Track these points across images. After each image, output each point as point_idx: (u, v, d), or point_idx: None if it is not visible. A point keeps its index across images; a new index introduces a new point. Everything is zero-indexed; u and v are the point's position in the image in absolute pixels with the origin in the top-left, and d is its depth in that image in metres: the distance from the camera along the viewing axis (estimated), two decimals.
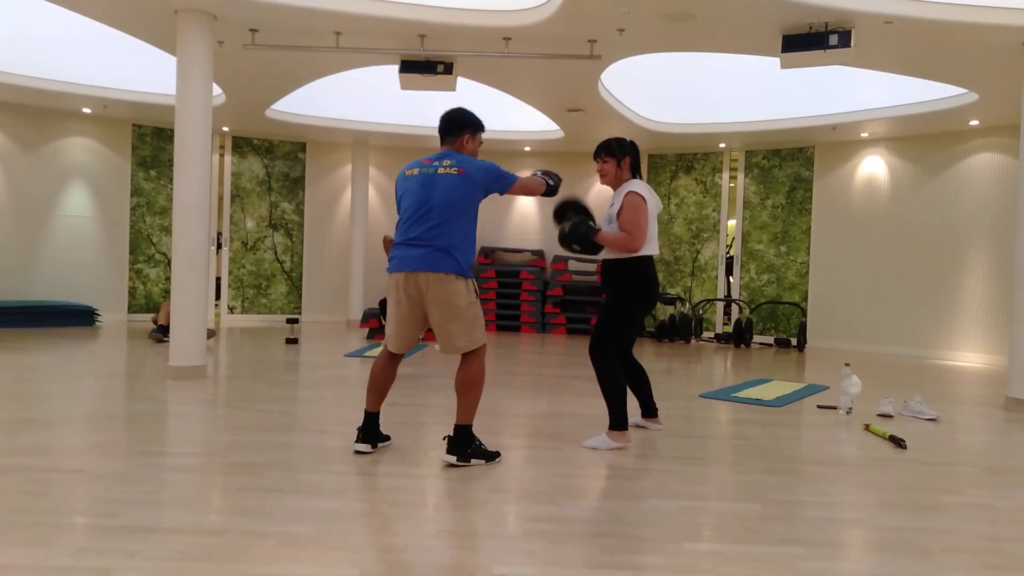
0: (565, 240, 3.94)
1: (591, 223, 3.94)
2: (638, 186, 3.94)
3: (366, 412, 3.66)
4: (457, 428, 3.48)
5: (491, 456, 3.55)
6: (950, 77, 6.98)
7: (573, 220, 3.93)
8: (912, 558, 2.51)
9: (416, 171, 3.52)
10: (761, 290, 10.50)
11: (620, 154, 4.03)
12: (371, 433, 3.66)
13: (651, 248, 3.93)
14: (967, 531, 2.81)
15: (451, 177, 3.42)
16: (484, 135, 3.78)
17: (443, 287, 3.39)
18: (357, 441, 3.64)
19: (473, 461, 3.48)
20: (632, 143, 4.09)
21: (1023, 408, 5.55)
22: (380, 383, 3.63)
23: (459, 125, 3.63)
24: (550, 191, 3.75)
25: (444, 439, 3.54)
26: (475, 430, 3.60)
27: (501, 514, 2.83)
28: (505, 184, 3.55)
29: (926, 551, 2.58)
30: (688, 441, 4.17)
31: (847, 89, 8.52)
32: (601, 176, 4.08)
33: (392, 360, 3.65)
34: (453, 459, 3.44)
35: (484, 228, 11.54)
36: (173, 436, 3.92)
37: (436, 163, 3.49)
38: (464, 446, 3.47)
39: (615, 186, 4.06)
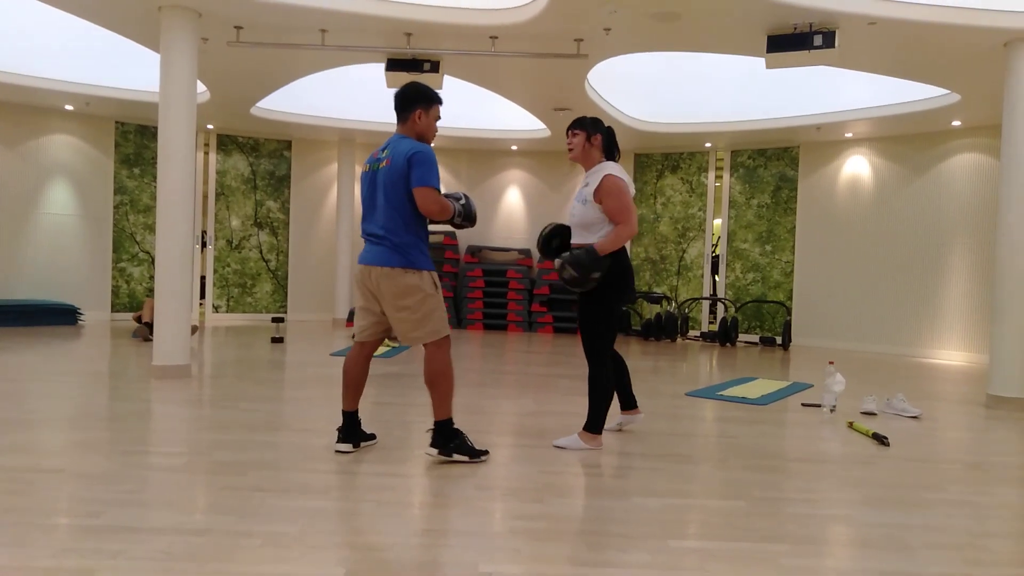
0: (579, 282, 3.68)
1: (590, 252, 3.67)
2: (615, 168, 3.84)
3: (344, 412, 3.66)
4: (437, 424, 3.51)
5: (476, 454, 3.55)
6: (933, 78, 7.04)
7: (566, 259, 3.67)
8: (895, 554, 2.53)
9: (367, 167, 3.58)
10: (746, 289, 10.56)
11: (592, 130, 3.92)
12: (351, 432, 3.66)
13: None
14: (949, 527, 2.84)
15: (383, 171, 3.44)
16: (470, 134, 3.74)
17: (391, 281, 3.40)
18: (338, 441, 3.65)
19: (456, 456, 3.50)
20: (609, 127, 4.00)
21: (1004, 405, 5.62)
22: (353, 380, 3.64)
23: (410, 100, 3.52)
24: (457, 220, 3.57)
25: (428, 431, 3.57)
26: (462, 427, 3.60)
27: (487, 512, 2.83)
28: (418, 178, 3.35)
29: (909, 547, 2.60)
30: (673, 439, 4.18)
31: (831, 89, 8.58)
32: (569, 150, 3.98)
33: (362, 355, 3.66)
34: (435, 452, 3.48)
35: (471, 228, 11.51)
36: (157, 435, 3.89)
37: (380, 156, 3.51)
38: (447, 440, 3.49)
39: (584, 163, 3.97)
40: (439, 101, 3.58)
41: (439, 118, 3.59)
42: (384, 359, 7.07)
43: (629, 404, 4.30)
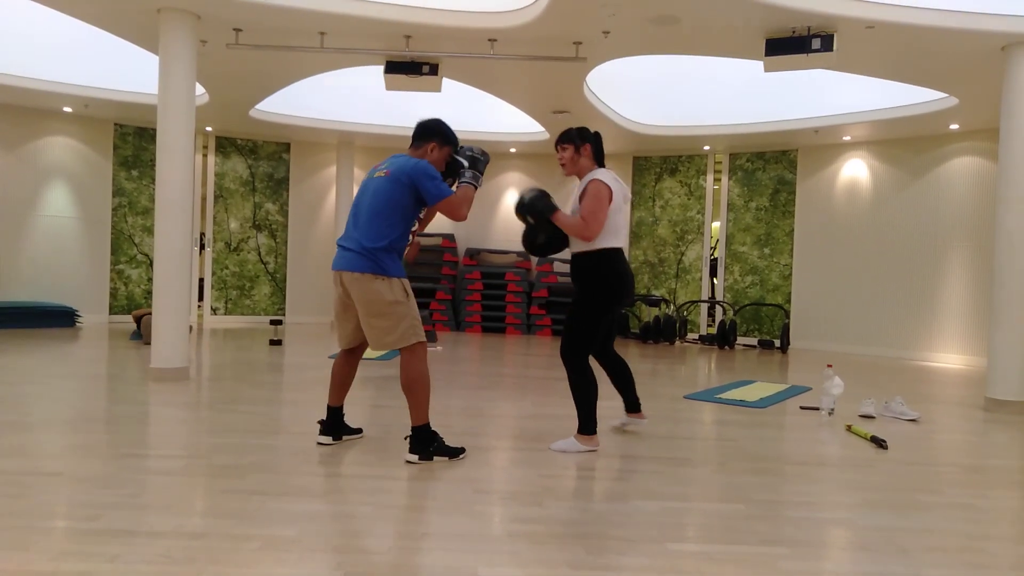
0: (521, 208, 3.86)
1: (551, 201, 3.84)
2: (603, 174, 3.86)
3: (328, 407, 3.82)
4: (414, 429, 3.54)
5: (454, 452, 3.60)
6: (931, 82, 7.06)
7: (535, 193, 3.86)
8: (894, 557, 2.53)
9: (365, 177, 3.67)
10: (745, 292, 10.56)
11: (579, 141, 3.95)
12: (333, 426, 3.82)
13: (616, 240, 3.84)
14: (948, 530, 2.84)
15: (379, 180, 3.52)
16: (469, 136, 3.79)
17: (361, 286, 3.46)
18: (320, 433, 3.80)
19: (436, 458, 3.54)
20: (596, 133, 4.01)
21: (1002, 408, 5.62)
22: (338, 379, 3.80)
23: (430, 132, 3.64)
24: (482, 171, 3.70)
25: (405, 439, 3.59)
26: (460, 430, 3.61)
27: (486, 515, 2.83)
28: (434, 190, 3.45)
29: (907, 550, 2.60)
30: (672, 442, 4.18)
31: (829, 93, 8.59)
32: (561, 165, 4.02)
33: (349, 357, 3.80)
34: (415, 458, 3.51)
35: (469, 230, 11.53)
36: (155, 438, 3.88)
37: (379, 168, 3.59)
38: (425, 445, 3.53)
39: (578, 175, 4.00)
40: (455, 145, 3.69)
41: (448, 159, 3.68)
42: (381, 361, 7.07)
43: (633, 407, 4.31)
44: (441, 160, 3.65)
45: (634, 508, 2.97)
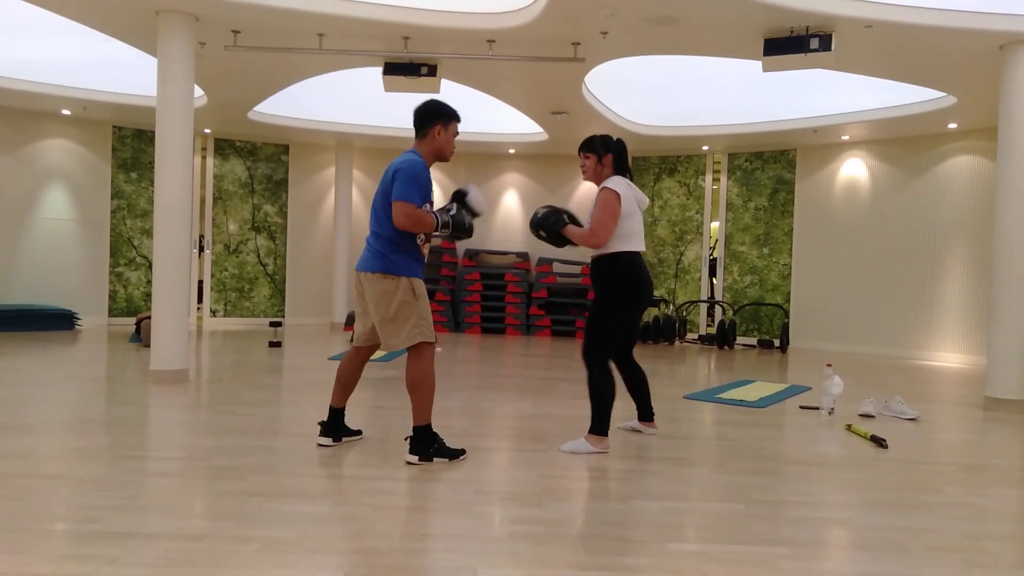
0: (533, 224, 4.01)
1: (564, 216, 3.98)
2: (615, 182, 3.90)
3: (331, 407, 3.81)
4: (415, 430, 3.54)
5: (455, 454, 3.60)
6: (929, 81, 7.06)
7: (547, 209, 4.01)
8: (894, 556, 2.53)
9: None
10: (744, 292, 10.57)
11: (602, 151, 4.00)
12: (334, 428, 3.82)
13: (630, 244, 3.90)
14: (948, 529, 2.84)
15: (383, 181, 3.57)
16: (468, 138, 3.79)
17: (371, 286, 3.51)
18: (320, 435, 3.80)
19: (436, 460, 3.54)
20: (619, 141, 4.05)
21: (1001, 407, 5.62)
22: (345, 381, 3.79)
23: (430, 116, 3.63)
24: (443, 233, 3.56)
25: (405, 440, 3.59)
26: (460, 431, 3.61)
27: (486, 516, 2.83)
28: (396, 192, 3.40)
29: (907, 549, 2.60)
30: (672, 442, 4.18)
31: (828, 92, 8.60)
32: (582, 172, 4.09)
33: (357, 359, 3.80)
34: (415, 459, 3.51)
35: None
36: (154, 440, 3.88)
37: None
38: (425, 446, 3.53)
39: (597, 182, 4.05)
40: (458, 119, 3.70)
41: (457, 135, 3.70)
42: (382, 363, 7.07)
43: (646, 416, 4.35)
44: (451, 138, 3.66)
45: (634, 508, 2.97)
